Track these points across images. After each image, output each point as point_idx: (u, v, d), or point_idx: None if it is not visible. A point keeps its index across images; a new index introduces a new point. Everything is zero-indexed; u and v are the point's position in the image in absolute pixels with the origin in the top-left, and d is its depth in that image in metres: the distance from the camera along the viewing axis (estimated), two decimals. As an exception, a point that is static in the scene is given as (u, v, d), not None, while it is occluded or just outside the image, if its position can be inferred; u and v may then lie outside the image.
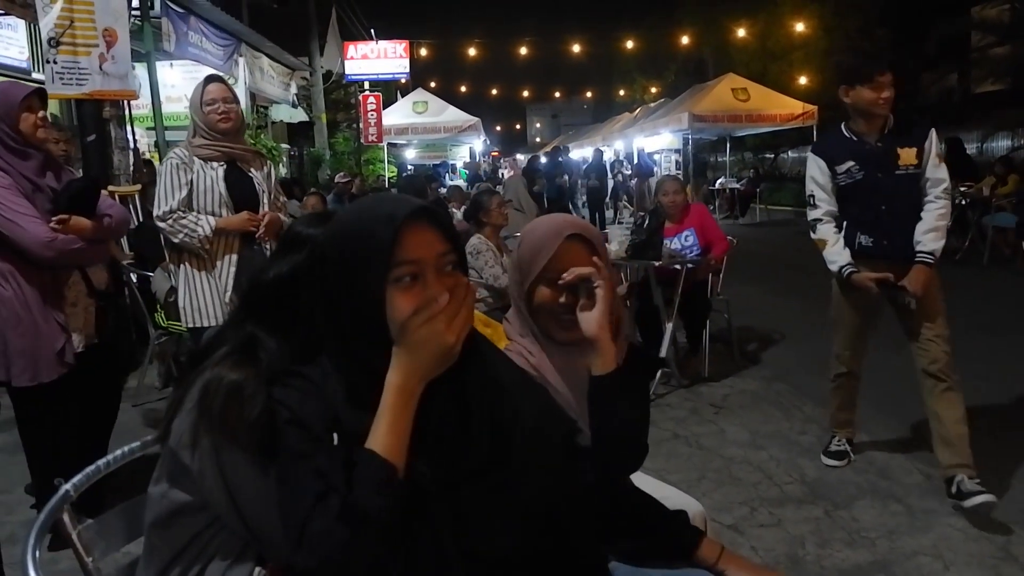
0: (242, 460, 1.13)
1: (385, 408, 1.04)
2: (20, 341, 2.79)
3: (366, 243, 1.06)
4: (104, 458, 1.38)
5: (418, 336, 1.04)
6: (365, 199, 1.20)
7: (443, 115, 16.23)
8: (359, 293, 1.06)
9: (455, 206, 8.33)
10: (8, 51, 8.50)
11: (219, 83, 3.24)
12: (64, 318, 2.89)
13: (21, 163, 2.81)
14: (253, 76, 11.18)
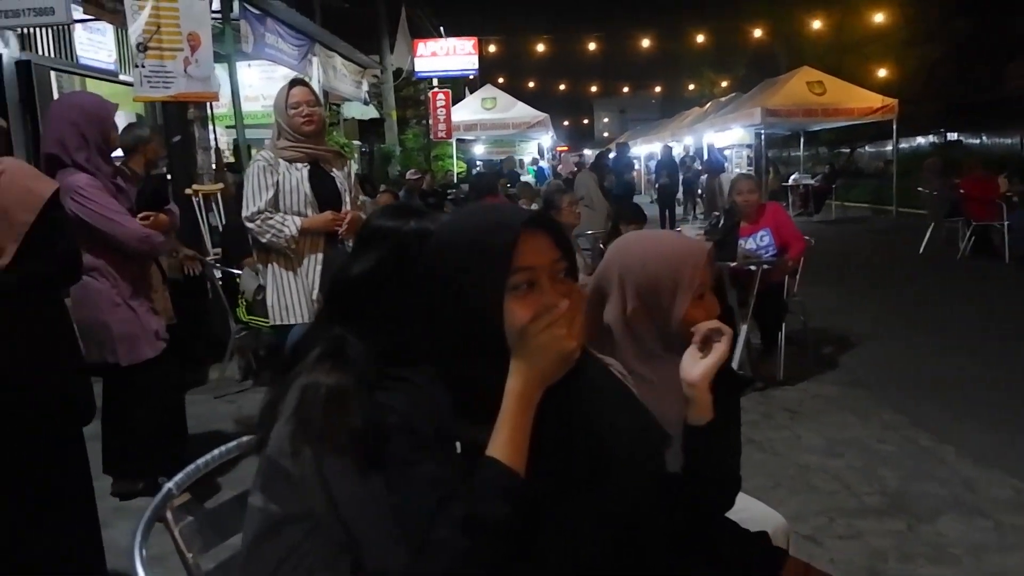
0: (345, 467, 1.11)
1: (506, 415, 1.04)
2: (120, 326, 3.07)
3: (483, 252, 1.06)
4: (204, 457, 1.43)
5: (539, 342, 1.04)
6: (469, 209, 1.19)
7: (511, 111, 16.28)
8: (474, 302, 1.06)
9: (525, 203, 8.36)
10: (98, 54, 8.87)
11: (303, 86, 3.33)
12: (152, 302, 3.21)
13: (107, 168, 3.07)
14: (327, 75, 11.40)
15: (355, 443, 1.10)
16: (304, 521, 1.16)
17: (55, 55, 8.17)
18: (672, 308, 1.45)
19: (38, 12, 5.07)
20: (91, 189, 2.93)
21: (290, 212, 3.24)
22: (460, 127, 15.90)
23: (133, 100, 5.77)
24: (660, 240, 1.54)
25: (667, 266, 1.46)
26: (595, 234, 6.42)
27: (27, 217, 2.09)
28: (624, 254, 1.52)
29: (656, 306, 1.47)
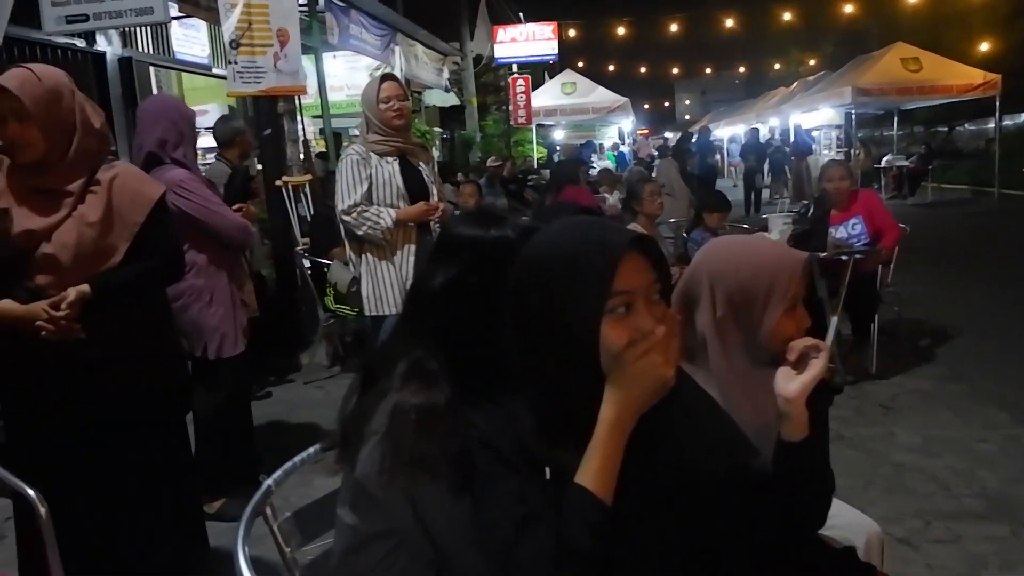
0: (436, 489, 1.11)
1: (598, 443, 1.03)
2: (213, 320, 3.12)
3: (581, 273, 1.04)
4: (299, 456, 1.48)
5: (635, 369, 1.03)
6: (567, 224, 1.15)
7: (591, 96, 16.15)
8: (569, 323, 1.05)
9: (606, 190, 8.30)
10: (192, 49, 9.21)
11: (393, 81, 3.39)
12: (243, 296, 3.25)
13: (195, 163, 3.16)
14: (409, 63, 11.56)
15: (446, 464, 1.10)
16: (390, 537, 1.17)
17: (153, 51, 8.52)
18: (763, 319, 1.40)
19: (139, 12, 5.29)
20: (191, 183, 3.01)
21: (383, 204, 3.32)
22: (540, 113, 15.86)
23: (227, 96, 5.97)
24: (755, 247, 1.48)
25: (761, 275, 1.41)
26: (677, 222, 6.32)
27: (138, 218, 2.20)
28: (716, 258, 1.48)
29: (746, 315, 1.42)
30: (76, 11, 5.34)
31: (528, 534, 1.00)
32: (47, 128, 2.06)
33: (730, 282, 1.43)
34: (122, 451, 2.25)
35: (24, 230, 2.06)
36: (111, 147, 2.29)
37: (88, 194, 2.15)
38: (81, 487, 2.19)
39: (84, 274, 2.11)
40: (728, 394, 1.39)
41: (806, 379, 1.29)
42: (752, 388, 1.39)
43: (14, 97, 2.01)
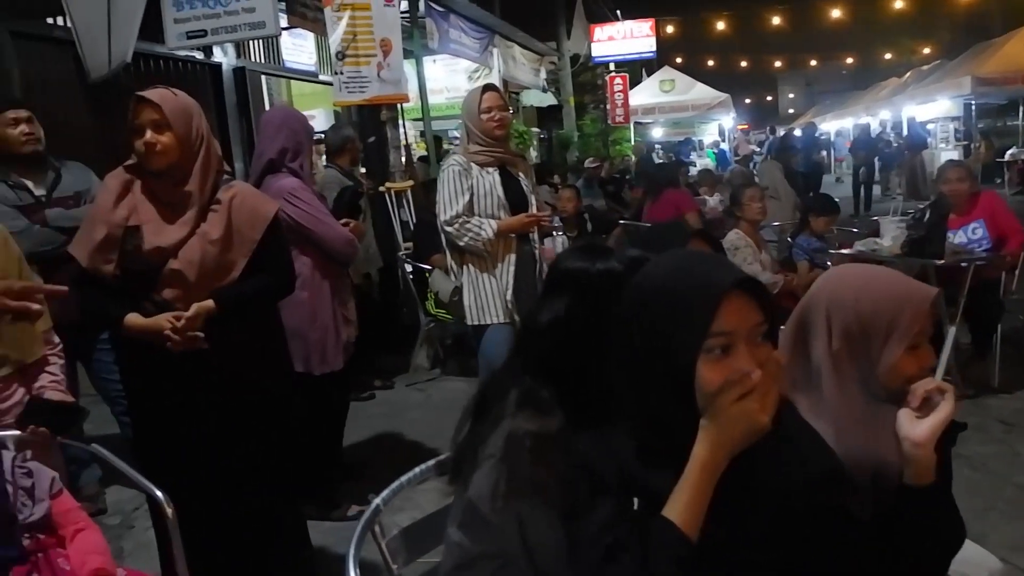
0: (546, 516, 1.13)
1: (689, 481, 1.04)
2: (316, 335, 3.15)
3: (681, 311, 1.05)
4: (407, 474, 1.52)
5: (730, 413, 1.03)
6: (675, 256, 1.16)
7: (691, 93, 15.89)
8: (668, 359, 1.05)
9: (706, 192, 8.13)
10: (300, 57, 9.58)
11: (494, 91, 3.41)
12: (346, 311, 3.27)
13: (308, 176, 3.21)
14: (507, 65, 11.64)
15: (557, 492, 1.12)
16: (496, 559, 1.20)
17: (265, 61, 8.91)
18: (881, 355, 1.32)
19: (252, 26, 5.54)
20: (302, 192, 3.07)
21: (484, 215, 3.33)
22: (638, 111, 15.72)
23: (333, 105, 6.17)
24: (878, 278, 1.40)
25: (881, 309, 1.33)
26: (781, 225, 6.14)
27: (255, 235, 2.31)
28: (836, 288, 1.40)
29: (863, 350, 1.35)
30: (196, 27, 5.63)
31: (615, 563, 1.01)
32: (180, 138, 2.20)
33: (848, 314, 1.36)
34: (235, 454, 2.36)
35: (154, 247, 2.20)
36: (228, 169, 2.41)
37: (210, 212, 2.27)
38: (200, 488, 2.31)
39: (207, 288, 2.24)
40: (842, 429, 1.34)
41: (935, 423, 1.22)
42: (868, 425, 1.33)
43: (155, 107, 2.17)
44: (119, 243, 2.20)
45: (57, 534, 1.83)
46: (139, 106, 2.19)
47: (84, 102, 6.18)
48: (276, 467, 2.47)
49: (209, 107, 7.95)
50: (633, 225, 6.34)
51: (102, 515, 3.30)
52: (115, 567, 1.86)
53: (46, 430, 1.97)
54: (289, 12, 6.55)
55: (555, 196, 8.22)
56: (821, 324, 1.39)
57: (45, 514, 1.81)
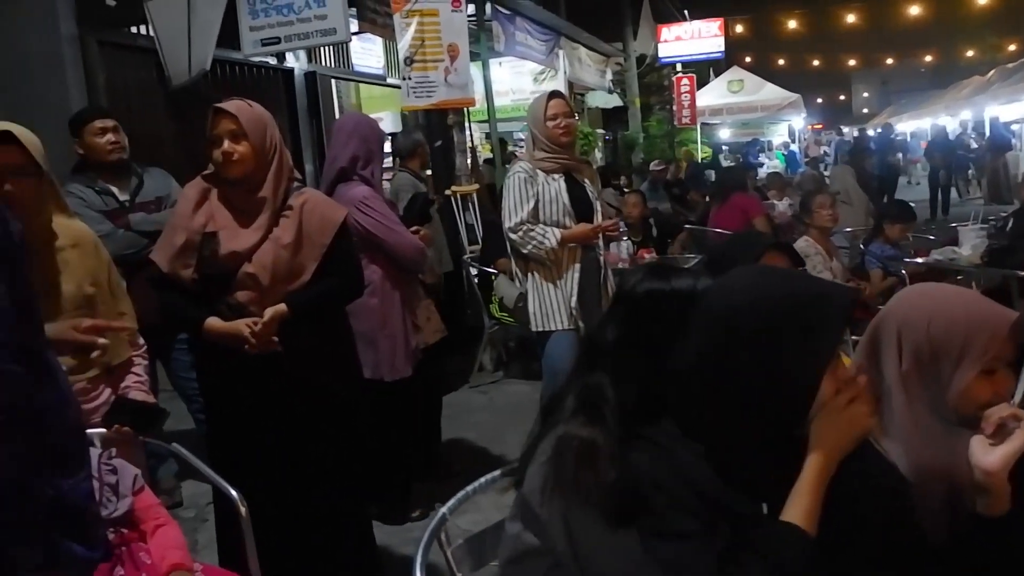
0: (590, 518, 1.16)
1: (807, 487, 1.09)
2: (386, 342, 3.18)
3: (812, 326, 1.10)
4: (473, 484, 1.55)
5: (844, 416, 1.09)
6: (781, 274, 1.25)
7: (760, 93, 15.58)
8: (787, 372, 1.09)
9: (775, 196, 7.96)
10: (369, 61, 9.76)
11: (560, 98, 3.42)
12: (415, 318, 3.30)
13: (380, 183, 3.26)
14: (572, 66, 11.63)
15: (603, 496, 1.15)
16: (546, 556, 1.24)
17: (335, 65, 9.10)
18: (952, 380, 1.29)
19: (324, 33, 5.69)
20: (373, 200, 3.10)
21: (549, 222, 3.35)
22: (705, 112, 15.48)
23: (401, 109, 6.27)
24: (953, 299, 1.36)
25: (954, 332, 1.29)
26: (854, 231, 5.98)
27: (325, 240, 2.38)
28: (908, 307, 1.37)
29: (932, 372, 1.31)
30: (270, 35, 5.81)
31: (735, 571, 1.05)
32: (255, 147, 2.28)
33: (919, 335, 1.32)
34: (305, 456, 2.43)
35: (230, 252, 2.28)
36: (298, 177, 2.48)
37: (282, 218, 2.35)
38: (269, 487, 2.39)
39: (279, 292, 2.32)
40: (913, 451, 1.31)
41: (1008, 451, 1.19)
42: (940, 449, 1.30)
43: (232, 118, 2.27)
44: (197, 249, 2.29)
45: (139, 529, 1.91)
46: (217, 117, 2.29)
47: (165, 107, 6.43)
48: (344, 469, 2.53)
49: (281, 111, 8.17)
50: (699, 230, 6.26)
51: (178, 508, 3.44)
52: (192, 562, 1.93)
53: (130, 429, 2.06)
54: (360, 18, 6.68)
55: (620, 199, 8.18)
56: (892, 343, 1.36)
57: (128, 510, 1.89)
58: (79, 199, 3.15)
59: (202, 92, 6.14)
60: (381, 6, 6.66)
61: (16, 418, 1.07)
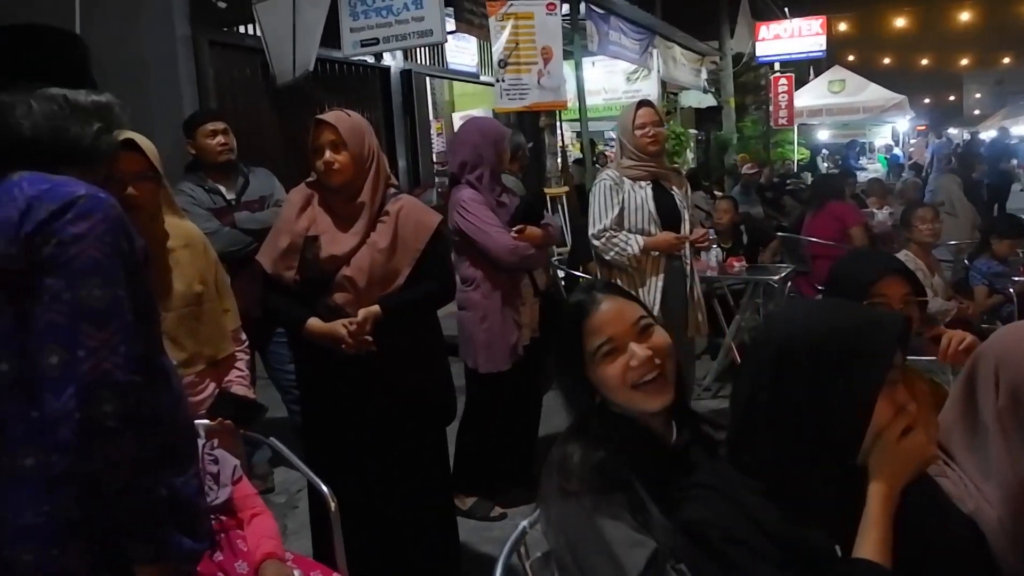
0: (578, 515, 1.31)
1: (874, 519, 1.08)
2: (484, 336, 3.27)
3: (862, 351, 1.09)
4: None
5: (902, 445, 1.08)
6: (834, 303, 1.27)
7: (862, 94, 15.00)
8: (838, 399, 1.09)
9: (875, 203, 7.67)
10: (463, 59, 9.91)
11: (649, 107, 3.43)
12: (518, 315, 3.33)
13: (494, 186, 3.30)
14: (666, 66, 11.50)
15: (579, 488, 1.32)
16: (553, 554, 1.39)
17: (429, 63, 9.28)
18: None
19: (421, 34, 5.82)
20: (472, 203, 3.19)
21: (634, 229, 3.37)
22: (803, 113, 15.01)
23: (494, 111, 6.34)
24: None
25: None
26: (958, 245, 5.71)
27: (419, 245, 2.46)
28: (1007, 343, 1.33)
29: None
30: (369, 36, 5.98)
31: None
32: (354, 156, 2.38)
33: (1016, 373, 1.29)
34: (396, 452, 2.52)
35: (330, 255, 2.39)
36: (395, 183, 2.57)
37: (379, 223, 2.44)
38: (360, 481, 2.48)
39: (374, 294, 2.41)
40: (1009, 495, 1.28)
41: None
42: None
43: (332, 128, 2.37)
44: (300, 251, 2.41)
45: (236, 517, 2.03)
46: (318, 128, 2.40)
47: (269, 103, 6.72)
48: (433, 467, 2.62)
49: (377, 108, 8.40)
50: (792, 238, 6.10)
51: (270, 493, 3.60)
52: (284, 552, 2.03)
53: (231, 422, 2.18)
54: (456, 19, 6.79)
55: (710, 203, 8.04)
56: (989, 380, 1.33)
57: (228, 498, 2.01)
58: (190, 197, 3.34)
59: (304, 89, 6.39)
60: (478, 7, 6.75)
61: (134, 425, 1.17)
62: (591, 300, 1.40)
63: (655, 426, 1.38)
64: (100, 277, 1.17)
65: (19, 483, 1.17)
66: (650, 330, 1.39)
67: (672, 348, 1.39)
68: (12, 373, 1.17)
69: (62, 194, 1.19)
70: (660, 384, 1.35)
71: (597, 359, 1.37)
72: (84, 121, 1.30)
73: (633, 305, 1.41)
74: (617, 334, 1.36)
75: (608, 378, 1.36)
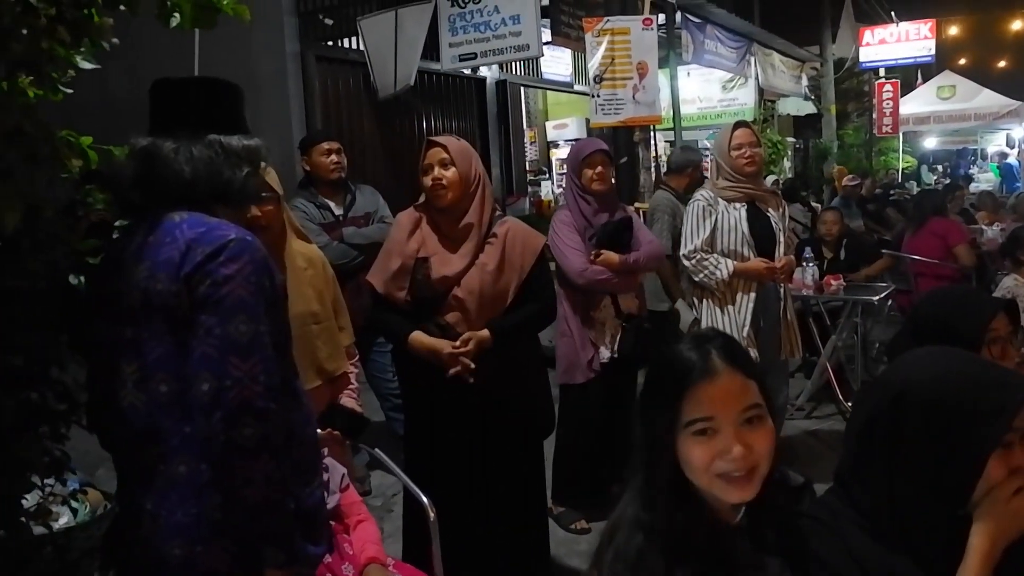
0: None
1: (972, 572, 1.11)
2: (563, 348, 3.43)
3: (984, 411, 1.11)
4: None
5: (1012, 506, 1.09)
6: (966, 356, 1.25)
7: (975, 100, 14.29)
8: (952, 451, 1.12)
9: (985, 218, 7.33)
10: (557, 68, 10.00)
11: (746, 128, 3.44)
12: (593, 334, 3.43)
13: (584, 206, 3.41)
14: (765, 73, 11.29)
15: None
16: None
17: (524, 73, 9.42)
18: None
19: (517, 49, 5.95)
20: (559, 224, 3.41)
21: (728, 250, 3.39)
22: (909, 120, 14.42)
23: (590, 127, 6.41)
24: None
25: None
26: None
27: (525, 266, 2.58)
28: None
29: None
30: (467, 50, 6.15)
31: None
32: (461, 175, 2.51)
33: None
34: (493, 463, 2.63)
35: (441, 276, 2.52)
36: (499, 208, 2.68)
37: (487, 245, 2.56)
38: (458, 493, 2.60)
39: (484, 313, 2.52)
40: None
41: None
42: None
43: (442, 147, 2.51)
44: (411, 272, 2.54)
45: (344, 522, 2.17)
46: (429, 148, 2.53)
47: (371, 113, 7.01)
48: (529, 478, 2.72)
49: (472, 117, 8.61)
50: (895, 256, 5.90)
51: (367, 496, 3.76)
52: (386, 557, 2.16)
53: (339, 433, 2.33)
54: (553, 32, 6.89)
55: (807, 215, 7.86)
56: None
57: (336, 504, 2.15)
58: (302, 212, 3.55)
59: (403, 99, 6.62)
60: (574, 20, 6.83)
61: (270, 446, 1.31)
62: (705, 367, 1.22)
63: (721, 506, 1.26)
64: (246, 314, 1.32)
65: (174, 486, 1.34)
66: (757, 423, 1.22)
67: (773, 449, 1.24)
68: (171, 393, 1.34)
69: (215, 237, 1.34)
70: (746, 482, 1.21)
71: (689, 432, 1.22)
72: (235, 165, 1.46)
73: (750, 387, 1.23)
74: (721, 416, 1.20)
75: (693, 457, 1.21)
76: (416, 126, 7.70)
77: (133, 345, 1.38)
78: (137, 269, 1.38)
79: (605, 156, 3.41)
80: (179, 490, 1.34)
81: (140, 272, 1.38)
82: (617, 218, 3.50)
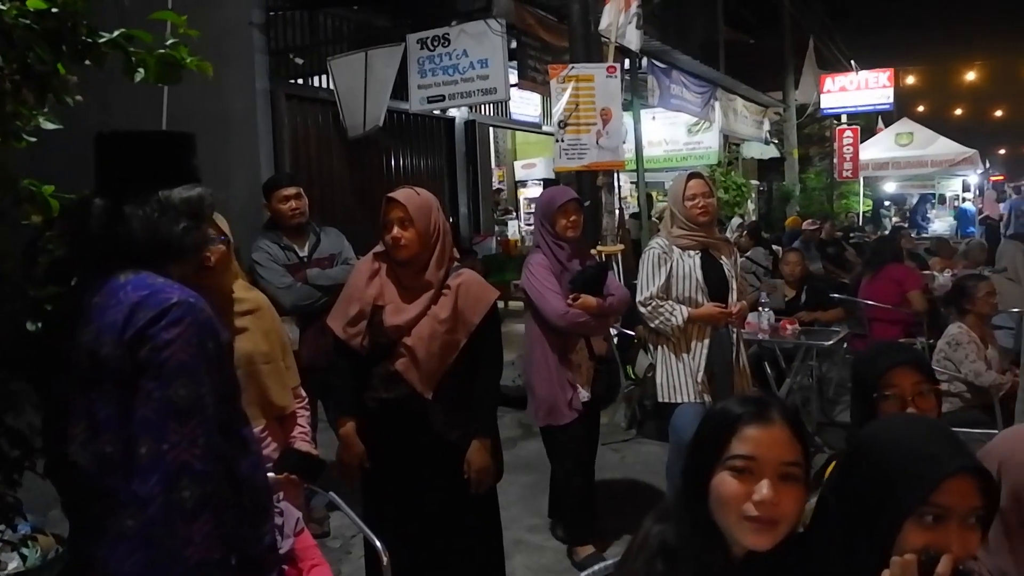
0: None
1: None
2: (543, 390, 3.49)
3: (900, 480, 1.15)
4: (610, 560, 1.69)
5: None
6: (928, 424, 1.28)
7: (931, 147, 14.74)
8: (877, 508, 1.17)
9: (938, 265, 7.53)
10: (526, 109, 10.18)
11: (700, 179, 3.54)
12: (571, 375, 3.51)
13: (558, 251, 3.51)
14: (727, 118, 11.55)
15: None
16: None
17: (493, 114, 9.57)
18: None
19: (485, 92, 6.09)
20: (535, 266, 3.48)
21: (682, 296, 3.46)
22: (869, 166, 14.82)
23: (553, 171, 6.53)
24: None
25: None
26: (1021, 312, 5.61)
27: (475, 319, 2.62)
28: (1009, 445, 1.42)
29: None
30: (436, 92, 6.27)
31: None
32: (420, 232, 2.55)
33: (1018, 476, 1.37)
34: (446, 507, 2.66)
35: (393, 325, 2.56)
36: (456, 257, 2.73)
37: (440, 296, 2.60)
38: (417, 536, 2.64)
39: (433, 364, 2.56)
40: None
41: None
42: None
43: (401, 206, 2.55)
44: (368, 319, 2.58)
45: (297, 567, 2.18)
46: (388, 205, 2.58)
47: (340, 151, 7.08)
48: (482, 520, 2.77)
49: (441, 156, 8.72)
50: (850, 301, 6.05)
51: (326, 537, 3.75)
52: (339, 603, 2.17)
53: (296, 477, 2.34)
54: (520, 76, 7.04)
55: (768, 257, 8.02)
56: None
57: (290, 549, 2.17)
58: (267, 253, 3.59)
59: (372, 138, 6.71)
60: (541, 65, 6.99)
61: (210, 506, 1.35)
62: (762, 412, 1.29)
63: (737, 549, 1.31)
64: (186, 377, 1.36)
65: (123, 539, 1.35)
66: (792, 482, 1.27)
67: (798, 513, 1.28)
68: (116, 455, 1.37)
69: (158, 301, 1.38)
70: (767, 530, 1.25)
71: (728, 465, 1.27)
72: (174, 221, 1.48)
73: (797, 447, 1.29)
74: (762, 458, 1.26)
75: (724, 492, 1.27)
76: (385, 164, 7.79)
77: (81, 405, 1.40)
78: (85, 331, 1.41)
79: (578, 204, 3.54)
80: (128, 542, 1.36)
81: (87, 334, 1.41)
82: (593, 264, 3.60)
